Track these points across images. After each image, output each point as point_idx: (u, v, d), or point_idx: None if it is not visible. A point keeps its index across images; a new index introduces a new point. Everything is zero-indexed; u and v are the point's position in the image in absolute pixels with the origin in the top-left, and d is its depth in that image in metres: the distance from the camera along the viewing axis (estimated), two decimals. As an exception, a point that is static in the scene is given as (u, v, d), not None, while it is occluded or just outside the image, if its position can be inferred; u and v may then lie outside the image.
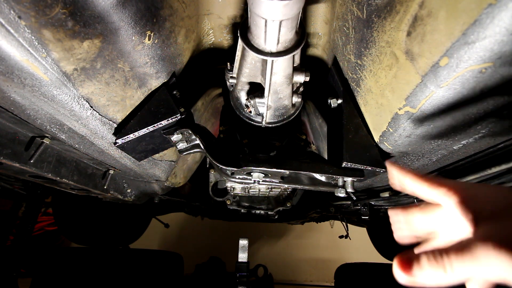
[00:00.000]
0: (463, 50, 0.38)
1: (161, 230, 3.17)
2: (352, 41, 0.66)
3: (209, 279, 2.26)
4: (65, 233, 2.50)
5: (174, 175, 1.16)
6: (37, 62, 0.50)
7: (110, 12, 0.53)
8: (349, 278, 2.07)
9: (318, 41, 0.86)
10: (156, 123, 0.72)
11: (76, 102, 0.60)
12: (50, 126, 0.72)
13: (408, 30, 0.47)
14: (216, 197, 1.55)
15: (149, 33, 0.62)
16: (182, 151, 0.84)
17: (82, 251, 2.14)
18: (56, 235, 3.48)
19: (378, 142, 0.71)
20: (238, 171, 0.82)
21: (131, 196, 1.40)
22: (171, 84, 0.77)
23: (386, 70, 0.56)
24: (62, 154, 0.96)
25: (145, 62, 0.67)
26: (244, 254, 1.69)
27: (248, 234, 2.12)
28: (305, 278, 3.81)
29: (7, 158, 0.76)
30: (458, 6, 0.37)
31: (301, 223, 2.89)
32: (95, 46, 0.55)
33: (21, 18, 0.43)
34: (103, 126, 0.70)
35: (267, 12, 0.51)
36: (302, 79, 0.77)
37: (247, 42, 0.64)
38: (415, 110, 0.52)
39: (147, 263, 2.02)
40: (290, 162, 0.81)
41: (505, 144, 0.62)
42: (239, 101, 0.91)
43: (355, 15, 0.61)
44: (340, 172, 0.77)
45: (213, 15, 0.80)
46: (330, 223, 3.11)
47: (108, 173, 1.18)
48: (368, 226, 2.88)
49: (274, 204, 1.74)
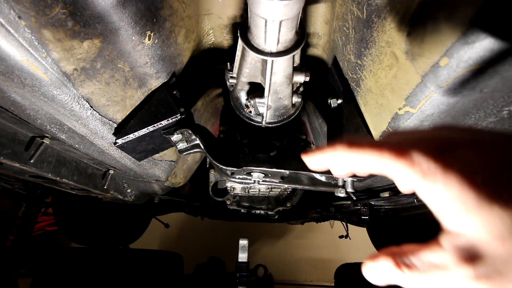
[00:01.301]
0: (463, 50, 0.38)
1: (161, 230, 3.17)
2: (352, 41, 0.66)
3: (209, 279, 2.26)
4: (65, 233, 2.50)
5: (174, 175, 1.16)
6: (37, 62, 0.50)
7: (110, 12, 0.53)
8: (349, 278, 2.07)
9: (318, 41, 0.86)
10: (156, 123, 0.72)
11: (76, 102, 0.60)
12: (50, 126, 0.72)
13: (408, 30, 0.47)
14: (216, 197, 1.55)
15: (149, 33, 0.62)
16: (182, 151, 0.84)
17: (82, 251, 2.14)
18: (56, 235, 3.48)
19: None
20: (238, 171, 0.82)
21: (131, 196, 1.40)
22: (171, 84, 0.77)
23: (386, 70, 0.56)
24: (62, 154, 0.96)
25: (145, 62, 0.67)
26: (244, 254, 1.69)
27: (248, 234, 2.12)
28: (305, 278, 3.81)
29: (7, 158, 0.76)
30: (458, 6, 0.37)
31: (301, 223, 2.89)
32: (95, 46, 0.55)
33: (21, 18, 0.43)
34: (103, 126, 0.70)
35: (267, 12, 0.51)
36: (302, 79, 0.77)
37: (247, 42, 0.64)
38: (415, 110, 0.52)
39: (147, 263, 2.02)
40: (290, 162, 0.81)
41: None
42: (239, 101, 0.91)
43: (355, 15, 0.61)
44: (340, 172, 0.77)
45: (213, 15, 0.79)
46: (330, 223, 3.11)
47: (108, 173, 1.18)
48: (368, 226, 2.88)
49: (274, 204, 1.74)
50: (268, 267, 2.28)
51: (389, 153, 0.29)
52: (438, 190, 0.26)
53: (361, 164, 0.32)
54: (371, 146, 0.31)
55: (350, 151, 0.32)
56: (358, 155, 0.32)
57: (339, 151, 0.33)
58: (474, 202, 0.24)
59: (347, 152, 0.33)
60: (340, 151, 0.33)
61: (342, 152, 0.33)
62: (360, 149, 0.32)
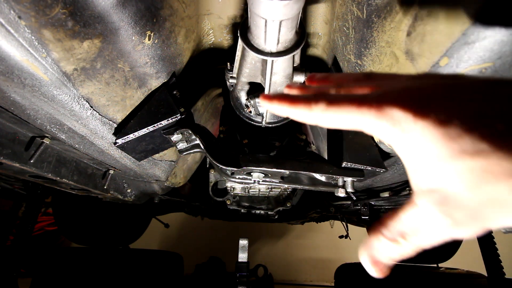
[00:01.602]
0: (463, 50, 0.39)
1: (161, 230, 3.17)
2: (352, 41, 0.66)
3: (209, 279, 2.26)
4: (65, 233, 2.50)
5: (174, 175, 1.16)
6: (37, 62, 0.50)
7: (110, 12, 0.53)
8: (349, 278, 2.07)
9: (318, 41, 0.86)
10: (156, 123, 0.72)
11: (76, 102, 0.60)
12: (50, 126, 0.72)
13: (408, 30, 0.47)
14: (216, 197, 1.55)
15: (149, 33, 0.62)
16: (182, 151, 0.84)
17: (82, 251, 2.14)
18: (56, 235, 3.48)
19: (378, 142, 0.71)
20: (238, 171, 0.82)
21: (131, 196, 1.40)
22: (171, 84, 0.77)
23: (386, 70, 0.56)
24: (62, 154, 0.96)
25: (145, 62, 0.67)
26: (244, 254, 1.69)
27: (248, 234, 2.12)
28: (305, 278, 3.81)
29: (7, 158, 0.76)
30: (458, 6, 0.37)
31: (301, 223, 2.89)
32: (95, 46, 0.55)
33: (21, 18, 0.43)
34: (103, 126, 0.70)
35: (267, 12, 0.51)
36: (302, 79, 0.77)
37: (247, 42, 0.64)
38: (415, 110, 0.52)
39: (147, 263, 2.02)
40: (290, 162, 0.81)
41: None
42: (239, 101, 0.91)
43: (355, 15, 0.61)
44: (340, 172, 0.77)
45: (213, 15, 0.79)
46: (330, 223, 3.11)
47: (108, 173, 1.18)
48: (368, 226, 2.88)
49: (274, 204, 1.74)
50: (268, 267, 2.28)
51: (369, 111, 0.28)
52: (412, 141, 0.26)
53: (339, 120, 0.31)
54: (351, 103, 0.30)
55: (328, 111, 0.31)
56: (337, 113, 0.31)
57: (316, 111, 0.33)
58: (446, 152, 0.24)
59: (324, 113, 0.32)
60: (316, 111, 0.32)
61: (319, 113, 0.32)
62: (340, 107, 0.31)
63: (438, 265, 2.45)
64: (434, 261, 2.52)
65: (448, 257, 2.58)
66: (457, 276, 1.98)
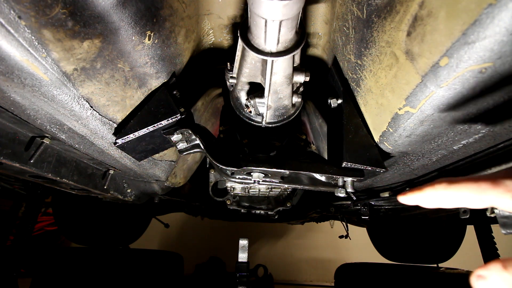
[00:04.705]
0: (463, 50, 0.38)
1: (161, 230, 3.17)
2: (352, 41, 0.66)
3: (209, 279, 2.26)
4: (65, 233, 2.50)
5: (174, 175, 1.16)
6: (37, 62, 0.50)
7: (110, 12, 0.53)
8: (349, 278, 2.07)
9: (318, 41, 0.86)
10: (156, 123, 0.72)
11: (76, 102, 0.60)
12: (50, 126, 0.72)
13: (408, 30, 0.47)
14: (216, 197, 1.55)
15: (149, 33, 0.62)
16: (182, 151, 0.84)
17: (82, 251, 2.14)
18: (56, 235, 3.49)
19: (378, 142, 0.71)
20: (238, 171, 0.82)
21: (131, 196, 1.40)
22: (171, 84, 0.77)
23: (386, 70, 0.56)
24: (62, 154, 0.96)
25: (145, 62, 0.67)
26: (244, 254, 1.69)
27: (248, 234, 2.12)
28: (305, 278, 3.82)
29: (7, 158, 0.76)
30: (458, 6, 0.37)
31: (301, 223, 2.90)
32: (95, 46, 0.55)
33: (21, 18, 0.43)
34: (103, 126, 0.70)
35: (267, 12, 0.51)
36: (302, 79, 0.77)
37: (247, 42, 0.64)
38: (415, 110, 0.52)
39: (147, 263, 2.02)
40: (290, 162, 0.81)
41: (505, 144, 0.62)
42: (239, 101, 0.91)
43: (355, 15, 0.61)
44: (340, 172, 0.77)
45: (213, 15, 0.80)
46: (330, 223, 3.12)
47: (108, 173, 1.18)
48: (368, 226, 2.88)
49: (274, 204, 1.74)
50: (268, 267, 2.28)
51: (486, 184, 0.33)
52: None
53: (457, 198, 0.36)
54: (469, 181, 0.35)
55: (450, 188, 0.36)
56: (457, 191, 0.35)
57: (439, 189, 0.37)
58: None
59: (447, 190, 0.36)
60: (439, 189, 0.37)
61: (441, 190, 0.37)
62: (459, 185, 0.35)
63: (438, 265, 2.45)
64: (434, 261, 2.53)
65: (448, 257, 2.59)
66: (457, 276, 1.98)
